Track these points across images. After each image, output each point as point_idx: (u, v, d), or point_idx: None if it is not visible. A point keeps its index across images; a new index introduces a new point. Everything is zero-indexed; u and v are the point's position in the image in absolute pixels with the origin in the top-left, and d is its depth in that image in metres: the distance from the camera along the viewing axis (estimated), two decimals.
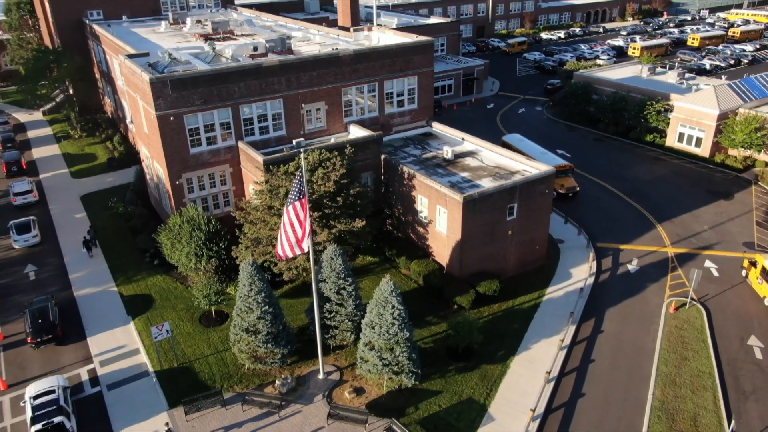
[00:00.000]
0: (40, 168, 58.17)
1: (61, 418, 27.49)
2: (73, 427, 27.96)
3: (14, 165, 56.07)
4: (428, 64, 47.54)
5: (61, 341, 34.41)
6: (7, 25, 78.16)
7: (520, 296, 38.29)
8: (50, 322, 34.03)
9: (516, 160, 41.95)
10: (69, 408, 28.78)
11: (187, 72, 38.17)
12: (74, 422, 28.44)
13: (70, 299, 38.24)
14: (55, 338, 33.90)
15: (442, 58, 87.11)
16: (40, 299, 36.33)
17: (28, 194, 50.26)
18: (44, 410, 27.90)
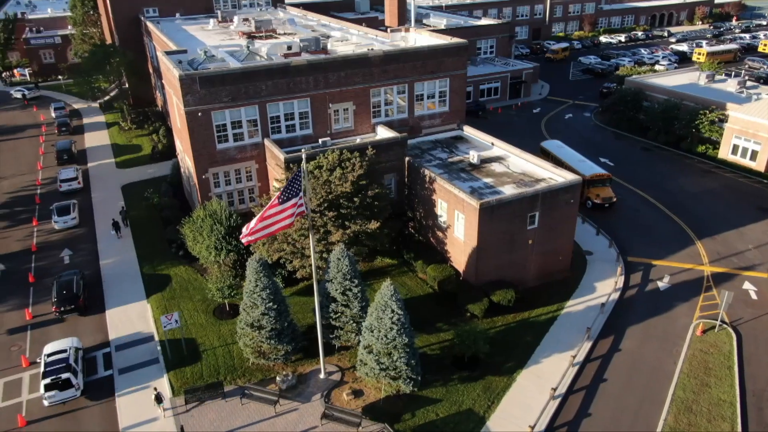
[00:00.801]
0: (89, 156, 61.27)
1: (68, 374, 29.90)
2: (79, 384, 30.29)
3: (65, 153, 59.28)
4: (461, 67, 46.85)
5: (83, 312, 36.75)
6: (72, 21, 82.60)
7: (538, 308, 37.19)
8: (74, 293, 36.66)
9: (543, 168, 40.78)
10: (78, 366, 31.03)
11: (215, 69, 39.14)
12: (81, 379, 30.69)
13: (97, 278, 40.42)
14: (77, 308, 36.58)
15: (490, 60, 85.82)
16: (68, 273, 39.03)
17: (72, 181, 53.31)
18: (54, 366, 30.37)
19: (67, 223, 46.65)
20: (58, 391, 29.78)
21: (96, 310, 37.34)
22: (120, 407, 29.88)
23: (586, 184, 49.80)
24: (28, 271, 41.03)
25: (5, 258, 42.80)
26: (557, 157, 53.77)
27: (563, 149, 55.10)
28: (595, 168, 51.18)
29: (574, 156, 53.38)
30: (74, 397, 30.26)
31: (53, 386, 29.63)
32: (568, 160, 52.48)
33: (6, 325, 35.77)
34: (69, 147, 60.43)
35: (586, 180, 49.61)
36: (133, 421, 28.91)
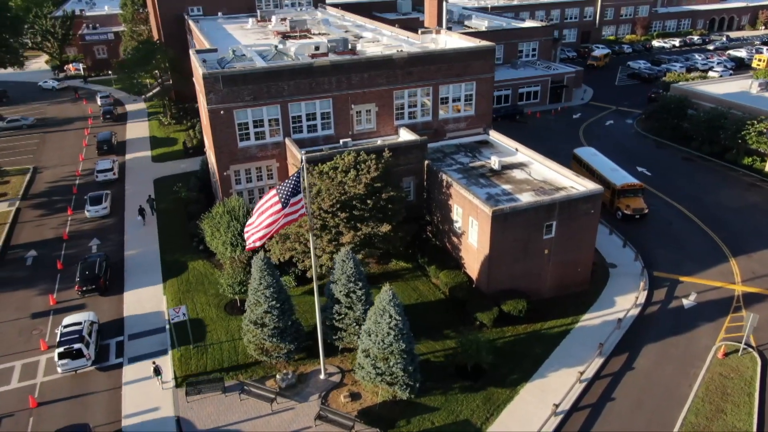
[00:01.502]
0: (127, 148, 63.79)
1: (80, 345, 32.06)
2: (90, 354, 32.39)
3: (105, 144, 62.19)
4: (488, 70, 46.08)
5: (103, 292, 38.77)
6: (122, 18, 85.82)
7: (551, 320, 36.19)
8: (95, 274, 39.02)
9: (566, 176, 39.62)
10: (90, 338, 33.15)
11: (238, 69, 39.81)
12: (92, 350, 32.78)
13: (121, 264, 42.36)
14: (98, 289, 38.79)
15: (531, 64, 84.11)
16: (93, 255, 41.53)
17: (108, 172, 55.75)
18: (69, 337, 32.55)
19: (98, 212, 48.76)
20: (71, 360, 32.02)
21: (115, 291, 39.32)
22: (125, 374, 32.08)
23: (616, 193, 48.25)
24: (57, 258, 42.88)
25: (38, 245, 44.88)
26: (589, 164, 52.27)
27: (596, 157, 53.48)
28: (627, 177, 49.41)
29: (607, 164, 51.71)
30: (85, 366, 32.38)
31: (66, 355, 31.87)
32: (599, 168, 50.91)
33: (31, 309, 37.48)
34: (109, 138, 63.25)
35: (617, 190, 48.09)
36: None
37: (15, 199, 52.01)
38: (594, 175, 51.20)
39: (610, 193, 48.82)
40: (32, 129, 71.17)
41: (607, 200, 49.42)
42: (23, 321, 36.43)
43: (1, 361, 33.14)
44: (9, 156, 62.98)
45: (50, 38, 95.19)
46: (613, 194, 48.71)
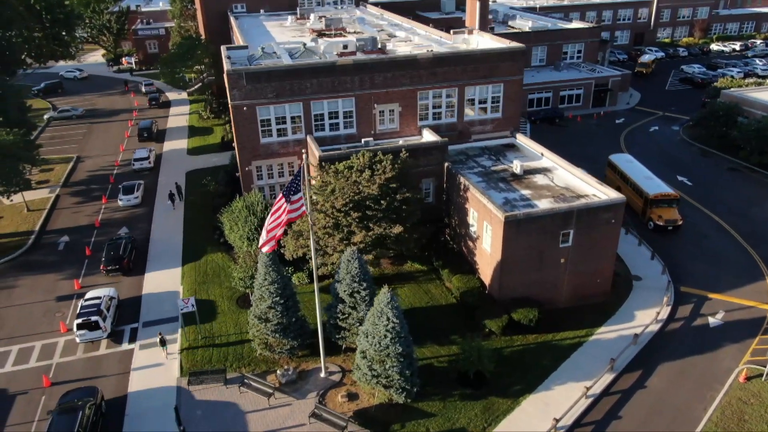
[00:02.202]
0: (166, 137, 66.31)
1: (97, 318, 34.15)
2: (106, 327, 34.46)
3: (145, 131, 65.39)
4: (517, 72, 45.07)
5: (126, 272, 40.82)
6: (171, 14, 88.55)
7: (564, 331, 35.10)
8: (120, 255, 41.15)
9: (589, 183, 38.33)
10: (108, 312, 35.23)
11: (261, 66, 40.36)
12: (109, 322, 34.92)
13: (146, 251, 44.07)
14: (121, 269, 40.83)
15: (575, 66, 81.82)
16: (120, 237, 43.83)
17: (144, 161, 58.18)
18: (87, 310, 34.63)
19: (130, 201, 50.72)
20: (88, 331, 34.14)
21: (137, 272, 41.50)
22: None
23: (649, 203, 46.35)
24: (87, 245, 44.64)
25: (71, 231, 46.91)
26: (623, 172, 50.44)
27: (632, 164, 51.52)
28: (662, 187, 47.40)
29: (642, 172, 49.75)
30: (101, 338, 34.51)
31: (84, 326, 33.94)
32: (633, 176, 49.05)
33: (57, 292, 39.19)
34: (150, 126, 66.52)
35: (649, 199, 46.20)
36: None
37: (56, 186, 54.51)
38: (627, 183, 49.44)
39: (643, 202, 47.00)
40: (81, 119, 74.45)
41: (640, 210, 47.63)
42: (49, 303, 38.13)
43: (23, 341, 34.80)
44: (56, 144, 66.07)
45: (106, 32, 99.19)
46: (646, 204, 46.82)
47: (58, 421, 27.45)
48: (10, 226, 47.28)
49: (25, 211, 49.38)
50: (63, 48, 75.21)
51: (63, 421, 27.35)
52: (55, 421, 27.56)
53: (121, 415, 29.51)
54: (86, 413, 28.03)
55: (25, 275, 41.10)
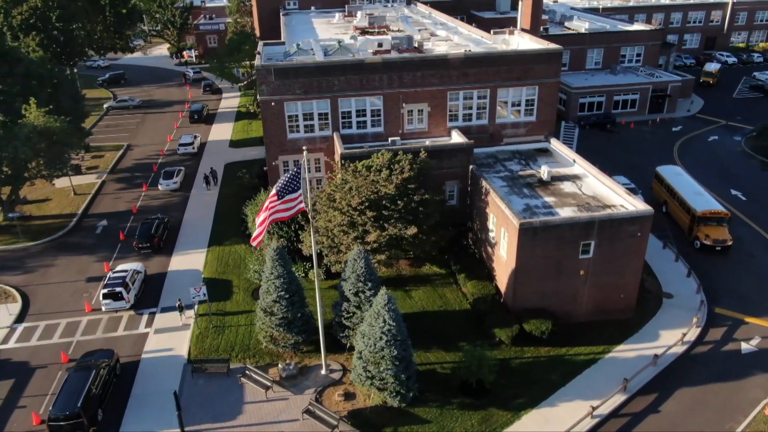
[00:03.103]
0: (214, 122, 69.05)
1: (121, 289, 36.51)
2: (129, 298, 36.77)
3: (195, 114, 69.75)
4: (553, 75, 43.55)
5: (156, 250, 43.31)
6: (229, 10, 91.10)
7: (580, 346, 33.68)
8: (151, 234, 43.63)
9: (618, 193, 36.54)
10: (132, 285, 37.56)
11: (290, 62, 40.78)
12: (132, 294, 37.22)
13: (176, 236, 46.35)
14: (151, 246, 43.31)
15: (633, 70, 78.29)
16: (154, 217, 46.28)
17: (188, 146, 61.33)
18: (113, 281, 37.16)
19: (169, 186, 53.39)
20: (112, 301, 36.52)
21: (166, 252, 43.84)
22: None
23: (696, 220, 43.31)
24: (122, 229, 46.60)
25: (110, 216, 49.11)
26: (671, 185, 47.47)
27: (680, 177, 48.56)
28: (711, 203, 44.32)
29: (691, 186, 46.74)
30: (124, 308, 36.84)
31: (109, 296, 36.36)
32: (681, 191, 46.04)
33: (87, 273, 41.12)
34: (200, 109, 71.05)
35: (697, 216, 43.18)
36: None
37: (103, 173, 57.24)
38: (674, 198, 46.53)
39: (690, 219, 44.04)
40: (137, 109, 77.84)
41: (686, 227, 44.69)
42: (78, 283, 40.06)
43: (51, 317, 36.72)
44: (111, 132, 69.37)
45: (170, 27, 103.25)
46: (693, 221, 43.82)
47: (73, 377, 29.55)
48: (57, 208, 50.03)
49: (72, 195, 52.12)
50: (123, 41, 78.84)
51: (78, 377, 29.43)
52: (71, 376, 29.63)
53: (133, 377, 31.82)
54: (100, 372, 30.11)
55: (62, 255, 43.37)
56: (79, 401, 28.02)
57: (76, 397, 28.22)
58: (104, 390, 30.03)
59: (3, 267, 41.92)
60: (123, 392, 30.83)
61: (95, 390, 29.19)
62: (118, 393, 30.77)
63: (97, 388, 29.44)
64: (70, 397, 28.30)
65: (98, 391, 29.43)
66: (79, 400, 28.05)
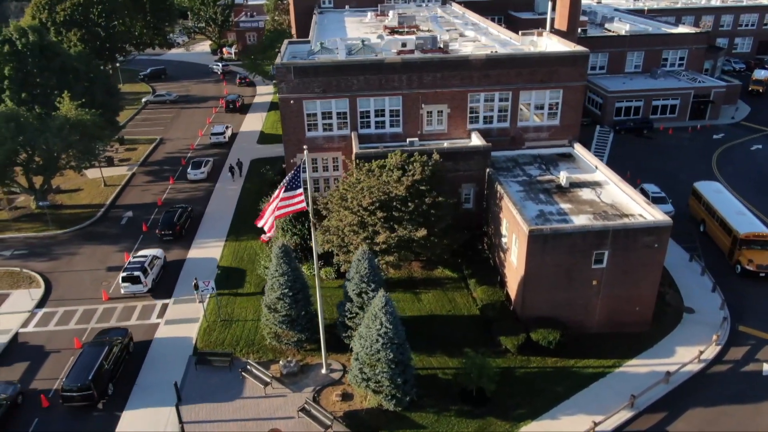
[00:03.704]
0: (246, 118, 70.83)
1: (139, 273, 38.11)
2: (147, 283, 38.42)
3: (231, 103, 72.98)
4: (578, 78, 42.36)
5: (178, 237, 45.07)
6: (266, 8, 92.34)
7: (589, 358, 32.67)
8: (174, 222, 45.37)
9: (638, 203, 35.24)
10: (151, 270, 39.11)
11: (309, 61, 40.94)
12: (150, 279, 38.77)
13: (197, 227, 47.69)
14: (173, 234, 45.00)
15: (675, 74, 75.54)
16: (178, 206, 48.02)
17: (220, 135, 63.89)
18: (132, 266, 38.85)
19: (197, 176, 55.37)
20: (131, 284, 38.19)
21: (187, 240, 45.43)
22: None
23: (738, 243, 40.41)
24: (145, 221, 47.83)
25: (136, 207, 50.46)
26: (710, 203, 44.40)
27: (721, 195, 45.42)
28: (756, 225, 41.36)
29: (732, 206, 43.64)
30: (141, 292, 38.40)
31: (128, 279, 38.05)
32: (722, 210, 42.99)
33: (108, 263, 42.33)
34: (236, 99, 74.19)
35: (739, 239, 40.24)
36: None
37: (134, 165, 58.88)
38: (714, 217, 43.67)
39: (731, 241, 41.13)
40: (173, 104, 79.77)
41: (726, 249, 41.82)
42: (99, 272, 41.30)
43: (69, 304, 37.96)
44: (146, 126, 71.34)
45: (212, 24, 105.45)
46: (734, 243, 40.78)
47: (87, 351, 31.33)
48: (87, 198, 51.75)
49: (102, 186, 53.81)
50: (161, 38, 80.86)
51: (92, 352, 31.20)
52: (85, 351, 31.43)
53: (144, 356, 33.58)
54: (113, 349, 31.84)
55: (87, 244, 44.82)
56: (90, 375, 29.68)
57: (88, 371, 29.89)
58: (116, 366, 31.74)
59: (31, 253, 43.62)
60: (134, 370, 32.42)
61: (107, 365, 30.89)
62: (130, 370, 32.41)
63: (109, 363, 31.13)
64: (82, 371, 29.96)
65: (110, 366, 31.10)
66: (90, 374, 29.71)
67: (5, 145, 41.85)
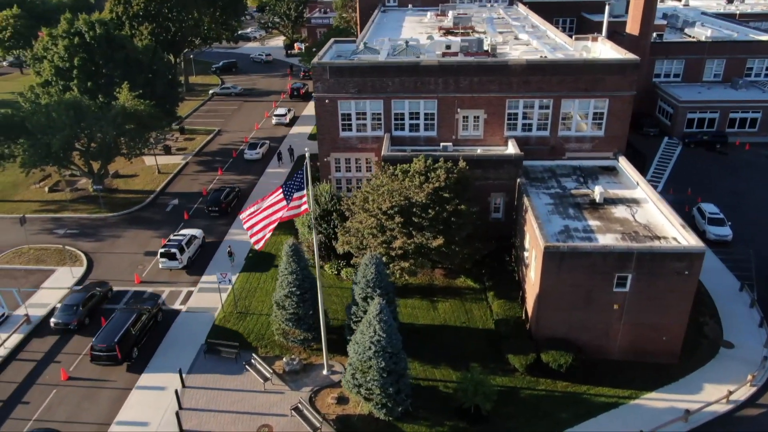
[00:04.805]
0: (307, 107, 73.61)
1: (176, 250, 40.73)
2: (182, 260, 40.93)
3: (296, 91, 77.61)
4: (626, 87, 39.95)
5: (223, 214, 48.36)
6: (335, 5, 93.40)
7: (604, 386, 30.86)
8: (220, 199, 48.93)
9: (674, 225, 32.78)
10: (187, 248, 41.65)
11: (345, 61, 41.01)
12: (186, 256, 41.27)
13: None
14: (220, 210, 48.49)
15: (760, 85, 69.63)
16: (227, 186, 51.81)
17: (282, 117, 69.70)
18: (171, 243, 41.58)
19: (252, 156, 59.60)
20: (168, 260, 40.88)
21: (228, 221, 48.03)
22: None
23: None
24: (188, 210, 49.76)
25: (182, 195, 52.64)
26: None
27: None
28: None
29: None
30: (177, 268, 41.01)
31: (165, 255, 40.79)
32: None
33: (147, 248, 44.40)
34: (300, 87, 79.42)
35: None
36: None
37: (189, 155, 61.42)
38: None
39: None
40: (238, 97, 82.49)
41: None
42: (137, 256, 43.43)
43: None
44: (209, 117, 74.21)
45: (285, 20, 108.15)
46: None
47: (118, 316, 34.18)
48: (140, 184, 54.57)
49: (156, 173, 56.53)
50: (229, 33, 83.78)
51: (121, 317, 34.03)
52: (116, 315, 34.31)
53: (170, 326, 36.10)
54: (141, 317, 34.45)
55: (131, 228, 47.26)
56: (116, 337, 32.43)
57: (115, 334, 32.68)
58: (142, 332, 34.29)
59: (81, 233, 46.54)
60: (159, 338, 35.12)
61: (133, 331, 33.55)
62: (155, 338, 35.12)
63: (136, 329, 33.72)
64: (110, 333, 32.86)
65: (136, 332, 33.76)
66: (116, 337, 32.48)
67: (64, 131, 44.81)
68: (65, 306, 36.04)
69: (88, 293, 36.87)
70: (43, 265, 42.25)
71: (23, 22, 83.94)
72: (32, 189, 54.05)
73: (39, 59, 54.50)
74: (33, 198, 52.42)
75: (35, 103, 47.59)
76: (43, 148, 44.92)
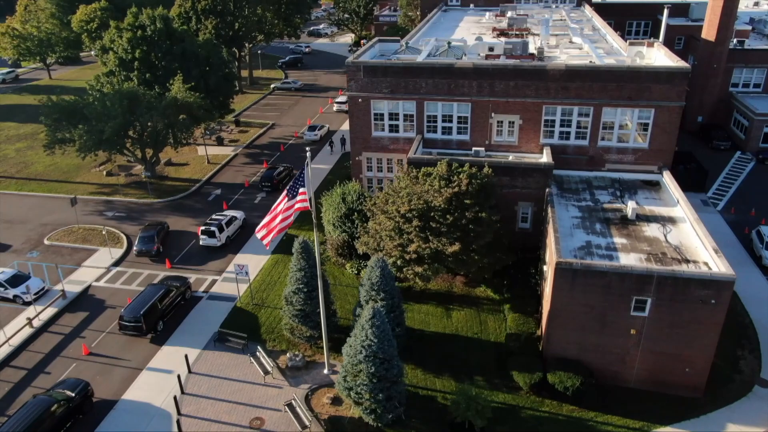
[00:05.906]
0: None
1: (215, 229, 43.31)
2: (220, 238, 43.55)
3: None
4: (674, 98, 37.30)
5: (274, 190, 51.77)
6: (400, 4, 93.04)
7: (614, 415, 29.08)
8: (272, 176, 52.82)
9: (708, 249, 30.28)
10: (226, 228, 44.13)
11: (378, 61, 40.76)
12: (224, 236, 43.80)
13: None
14: (271, 186, 52.43)
15: None
16: (281, 166, 55.34)
17: (343, 104, 72.25)
18: (211, 222, 44.28)
19: (310, 137, 63.99)
20: (207, 237, 43.46)
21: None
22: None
23: None
24: (227, 200, 51.23)
25: (225, 186, 54.27)
26: None
27: None
28: None
29: None
30: (215, 245, 43.56)
31: (205, 233, 43.40)
32: None
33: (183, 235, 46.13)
34: None
35: None
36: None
37: (240, 146, 63.25)
38: None
39: None
40: (297, 92, 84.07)
41: None
42: (173, 241, 45.18)
43: (139, 267, 42.09)
44: (266, 111, 76.10)
45: (354, 17, 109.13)
46: None
47: (147, 291, 36.49)
48: (189, 173, 56.77)
49: (206, 163, 58.61)
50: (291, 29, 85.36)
51: (150, 292, 36.22)
52: (146, 290, 36.68)
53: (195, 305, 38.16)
54: (169, 293, 36.45)
55: (173, 215, 49.21)
56: (143, 310, 34.42)
57: (142, 307, 34.67)
58: (168, 308, 36.08)
59: (127, 217, 49.03)
60: (184, 314, 37.07)
61: (160, 306, 35.38)
62: (181, 314, 37.04)
63: (162, 304, 35.54)
64: (138, 306, 34.87)
65: (162, 307, 35.55)
66: (142, 309, 34.47)
67: (117, 119, 47.34)
68: (143, 237, 42.67)
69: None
70: (88, 244, 44.85)
71: (110, 14, 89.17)
72: (93, 172, 57.53)
73: (106, 50, 57.85)
74: (92, 180, 55.79)
75: (99, 92, 50.60)
76: (97, 135, 47.61)
